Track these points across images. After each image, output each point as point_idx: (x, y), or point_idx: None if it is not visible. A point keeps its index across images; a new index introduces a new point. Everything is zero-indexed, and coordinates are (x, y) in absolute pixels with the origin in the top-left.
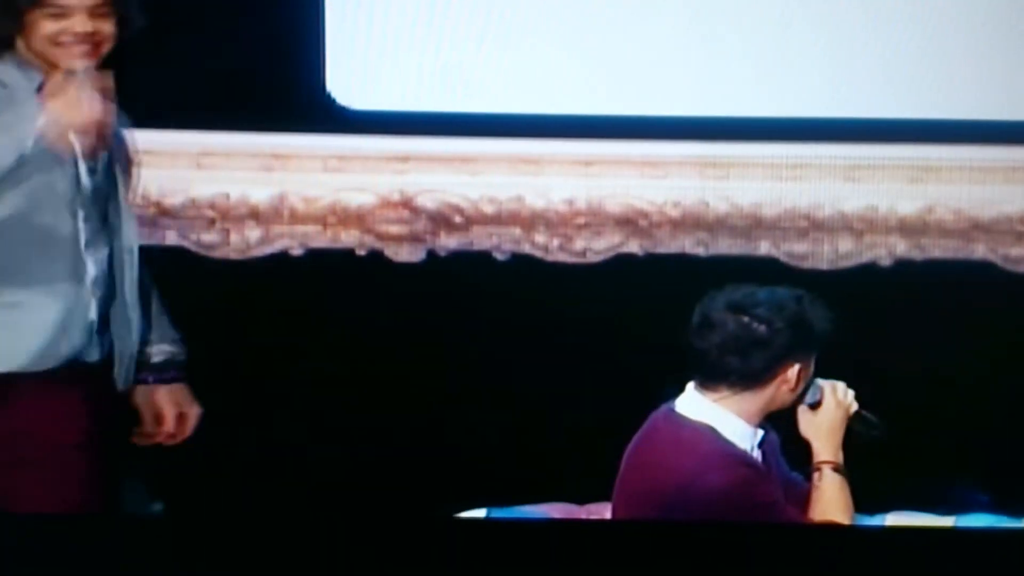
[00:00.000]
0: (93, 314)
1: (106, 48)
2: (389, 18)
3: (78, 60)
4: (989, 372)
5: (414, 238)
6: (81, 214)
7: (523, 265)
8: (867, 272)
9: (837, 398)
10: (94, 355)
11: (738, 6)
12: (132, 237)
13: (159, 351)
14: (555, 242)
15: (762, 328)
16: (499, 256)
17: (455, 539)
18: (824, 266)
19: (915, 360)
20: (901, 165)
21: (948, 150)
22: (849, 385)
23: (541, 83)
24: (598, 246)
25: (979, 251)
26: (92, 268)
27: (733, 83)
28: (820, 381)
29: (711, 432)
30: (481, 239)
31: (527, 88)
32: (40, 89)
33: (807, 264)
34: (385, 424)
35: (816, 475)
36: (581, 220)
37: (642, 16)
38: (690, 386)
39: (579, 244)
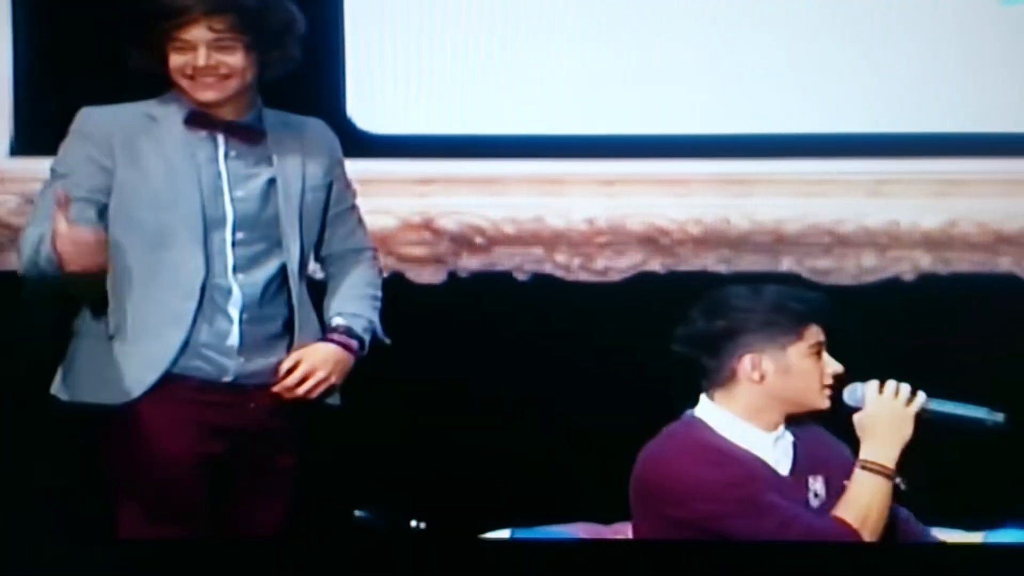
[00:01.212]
0: (234, 340)
1: (236, 82)
2: (408, 42)
3: (206, 93)
4: (1016, 386)
5: (436, 260)
6: (230, 240)
7: (545, 285)
8: (891, 287)
9: (881, 398)
10: (228, 376)
11: (758, 24)
12: (296, 257)
13: (332, 320)
14: (576, 261)
15: (700, 324)
16: (520, 276)
17: (480, 560)
18: (848, 281)
19: (940, 374)
20: (924, 179)
21: (971, 163)
22: None
23: (561, 103)
24: (620, 265)
25: (1004, 264)
26: (239, 293)
27: (753, 100)
28: (865, 383)
29: (708, 431)
30: (502, 260)
31: (546, 109)
32: (188, 120)
33: (831, 280)
34: (408, 445)
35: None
36: (602, 239)
37: (661, 36)
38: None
39: (600, 263)
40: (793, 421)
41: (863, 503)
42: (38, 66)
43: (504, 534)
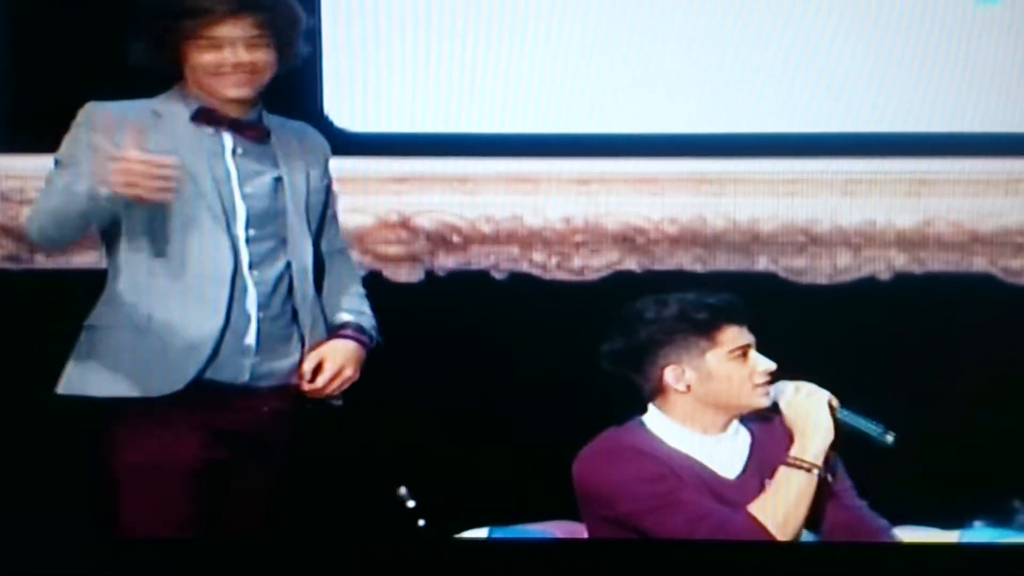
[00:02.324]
0: (251, 339)
1: (263, 77)
2: (384, 41)
3: (235, 89)
4: (990, 384)
5: (413, 258)
6: (243, 236)
7: (521, 284)
8: (866, 286)
9: (789, 398)
10: (243, 377)
11: (732, 24)
12: (306, 256)
13: (339, 317)
14: (553, 260)
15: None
16: (497, 275)
17: (457, 559)
18: (823, 281)
19: (915, 373)
20: (898, 179)
21: (945, 163)
22: (848, 399)
23: (537, 103)
24: (596, 263)
25: (978, 263)
26: (254, 290)
27: (728, 100)
28: (781, 383)
29: (640, 432)
30: (479, 258)
31: (523, 108)
32: (194, 117)
33: (806, 279)
34: (385, 444)
35: None
36: (579, 238)
37: (637, 35)
38: None
39: (577, 262)
40: (761, 419)
41: (774, 498)
42: (11, 67)
43: (482, 533)
